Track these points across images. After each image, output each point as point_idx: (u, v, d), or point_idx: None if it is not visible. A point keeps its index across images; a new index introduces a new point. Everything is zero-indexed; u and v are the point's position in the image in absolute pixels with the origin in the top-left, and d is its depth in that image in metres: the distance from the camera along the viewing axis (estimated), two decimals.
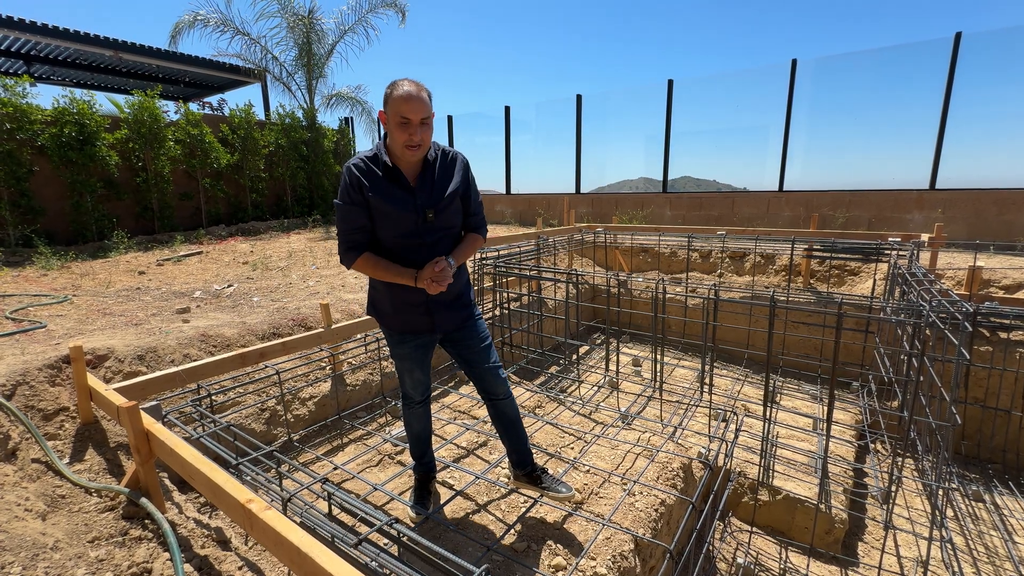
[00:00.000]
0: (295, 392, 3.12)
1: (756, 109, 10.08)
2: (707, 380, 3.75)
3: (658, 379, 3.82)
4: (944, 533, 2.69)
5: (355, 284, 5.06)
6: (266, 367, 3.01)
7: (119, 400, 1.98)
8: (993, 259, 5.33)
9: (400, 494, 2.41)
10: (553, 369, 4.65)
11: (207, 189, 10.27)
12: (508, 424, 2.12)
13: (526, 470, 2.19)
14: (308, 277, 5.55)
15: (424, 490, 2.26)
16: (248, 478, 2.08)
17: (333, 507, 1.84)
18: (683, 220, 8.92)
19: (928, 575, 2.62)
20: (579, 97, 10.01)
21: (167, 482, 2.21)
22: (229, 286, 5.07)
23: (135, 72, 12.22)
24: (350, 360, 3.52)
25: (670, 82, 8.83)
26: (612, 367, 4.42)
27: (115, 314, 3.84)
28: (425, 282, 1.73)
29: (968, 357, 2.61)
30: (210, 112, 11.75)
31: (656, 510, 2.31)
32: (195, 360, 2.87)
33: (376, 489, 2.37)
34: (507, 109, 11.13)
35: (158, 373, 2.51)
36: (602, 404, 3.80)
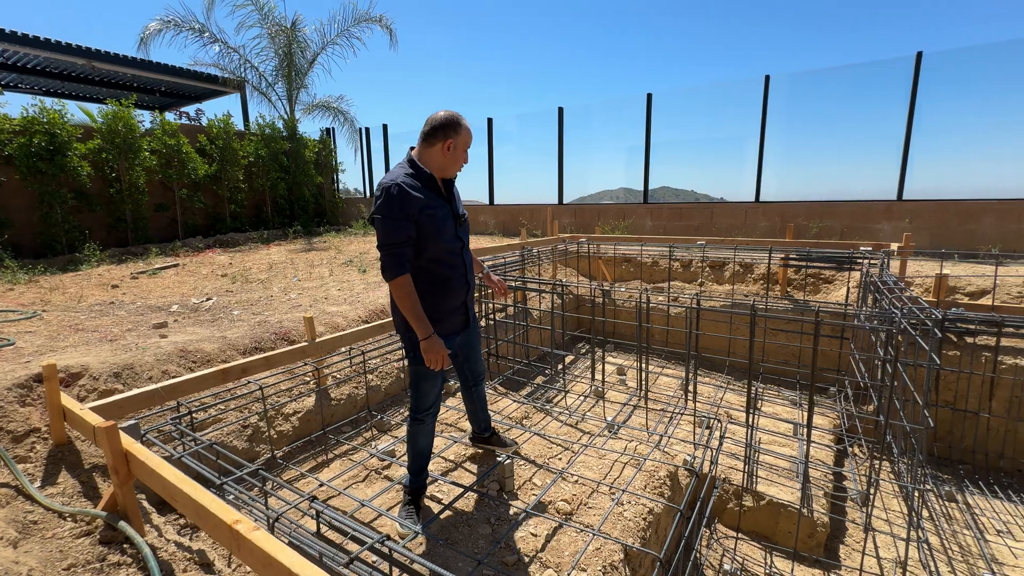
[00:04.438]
0: (278, 408, 3.07)
1: (732, 121, 10.35)
2: (691, 388, 3.80)
3: (643, 388, 3.87)
4: (920, 534, 2.77)
5: (338, 296, 5.00)
6: (249, 382, 2.95)
7: (96, 420, 1.92)
8: (958, 267, 5.56)
9: (388, 509, 2.38)
10: (539, 380, 4.66)
11: (184, 200, 10.07)
12: (482, 400, 2.66)
13: (486, 435, 2.76)
14: (290, 290, 5.47)
15: (416, 506, 2.25)
16: (232, 498, 2.03)
17: (321, 525, 1.81)
18: (664, 230, 9.08)
19: (908, 575, 2.68)
20: (560, 109, 10.16)
21: (145, 504, 2.14)
22: (208, 299, 4.96)
23: (109, 81, 11.97)
24: (335, 374, 3.48)
25: (649, 95, 9.04)
26: (598, 376, 4.45)
27: (88, 330, 3.72)
28: (498, 287, 2.50)
29: (938, 362, 2.71)
30: (187, 122, 11.61)
31: (644, 519, 2.33)
32: (174, 376, 2.80)
33: (364, 505, 2.33)
34: (490, 121, 11.23)
35: (136, 391, 2.44)
36: (588, 414, 3.83)
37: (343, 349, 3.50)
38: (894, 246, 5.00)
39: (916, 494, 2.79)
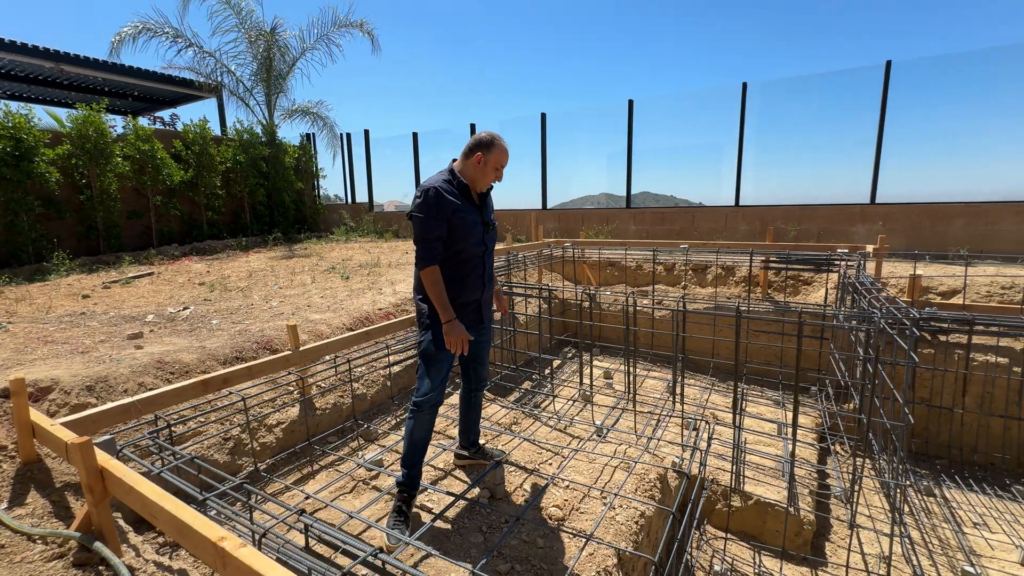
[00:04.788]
0: (261, 419, 2.98)
1: (711, 127, 10.57)
2: (678, 390, 3.84)
3: (631, 391, 3.88)
4: (902, 529, 2.83)
5: (321, 304, 4.91)
6: (230, 393, 2.86)
7: (68, 436, 1.83)
8: (930, 267, 5.75)
9: (377, 520, 2.33)
10: (527, 385, 4.65)
11: (159, 207, 9.79)
12: (478, 409, 2.70)
13: (473, 450, 2.75)
14: (271, 297, 5.36)
15: (405, 512, 2.22)
16: (215, 513, 1.96)
17: (310, 539, 1.76)
18: (647, 234, 9.18)
19: (892, 570, 2.74)
20: (543, 115, 10.22)
21: (121, 523, 2.05)
22: (185, 309, 4.82)
23: (78, 85, 11.61)
24: (319, 383, 3.40)
25: (630, 102, 9.16)
26: (585, 381, 4.46)
27: (58, 342, 3.57)
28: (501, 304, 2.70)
29: (916, 360, 2.79)
30: (162, 127, 11.31)
31: (636, 522, 2.33)
32: (151, 389, 2.70)
33: (352, 517, 2.28)
34: (472, 127, 11.23)
35: (110, 405, 2.34)
36: (577, 418, 3.82)
37: (328, 357, 3.44)
38: (869, 248, 5.14)
39: (898, 490, 2.85)
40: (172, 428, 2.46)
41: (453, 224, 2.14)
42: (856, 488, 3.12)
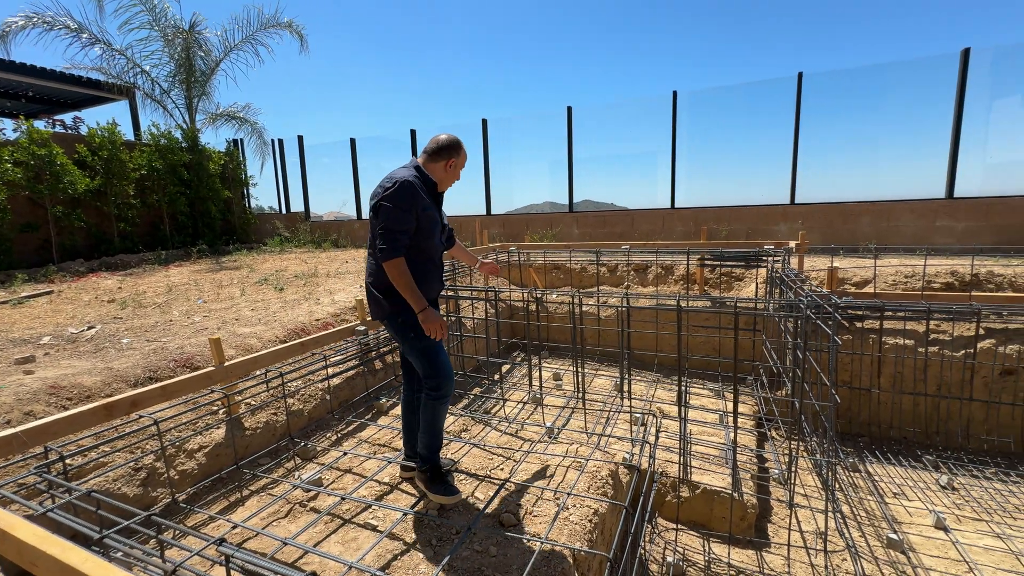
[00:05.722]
0: (180, 444, 2.68)
1: (646, 134, 11.01)
2: (625, 387, 3.89)
3: (580, 390, 3.88)
4: (834, 505, 3.00)
5: (252, 317, 4.56)
6: (140, 417, 2.55)
7: None
8: (844, 261, 6.25)
9: (316, 545, 2.14)
10: (476, 391, 4.54)
11: (60, 218, 8.80)
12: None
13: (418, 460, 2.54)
14: (193, 312, 4.91)
15: (443, 475, 2.38)
16: (120, 554, 1.71)
17: (233, 572, 1.56)
18: (590, 237, 9.38)
19: (828, 544, 2.88)
20: (484, 121, 10.23)
21: None
22: (89, 328, 4.31)
23: None
24: (248, 401, 3.13)
25: (569, 108, 9.37)
26: (535, 384, 4.42)
27: None
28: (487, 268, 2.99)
29: (839, 343, 2.98)
30: (63, 131, 10.21)
31: (591, 520, 2.29)
32: (41, 417, 2.35)
33: (286, 544, 2.07)
34: (413, 132, 11.05)
35: None
36: (527, 421, 3.77)
37: (258, 372, 3.17)
38: (792, 244, 5.51)
39: (828, 470, 3.02)
40: (67, 461, 2.14)
41: (421, 221, 2.15)
42: (792, 470, 3.27)
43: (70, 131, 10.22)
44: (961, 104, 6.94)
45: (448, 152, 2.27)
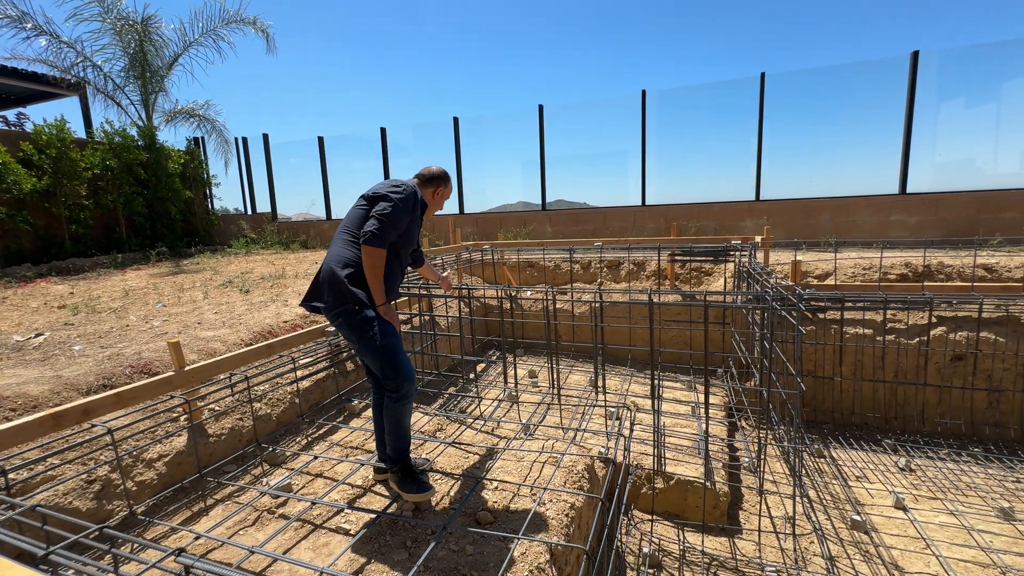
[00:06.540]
0: (137, 453, 2.55)
1: (617, 132, 11.13)
2: (600, 382, 3.92)
3: (555, 386, 3.89)
4: (801, 490, 3.09)
5: (215, 320, 4.39)
6: (93, 426, 2.41)
7: None
8: (807, 254, 6.48)
9: (285, 552, 2.07)
10: (451, 390, 4.50)
11: (3, 221, 8.28)
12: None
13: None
14: (152, 317, 4.69)
15: (415, 472, 2.34)
16: (70, 572, 1.60)
17: None
18: (563, 235, 9.44)
19: (796, 528, 2.97)
20: (456, 119, 10.16)
21: None
22: (37, 335, 4.06)
23: None
24: (212, 406, 3.00)
25: (540, 107, 9.40)
26: (510, 382, 4.41)
27: None
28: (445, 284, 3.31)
29: (803, 333, 3.07)
30: (5, 127, 9.61)
31: (567, 515, 2.29)
32: None
33: (253, 552, 1.99)
34: (383, 131, 10.87)
35: None
36: (503, 419, 3.75)
37: (222, 376, 3.04)
38: (758, 239, 5.67)
39: (795, 456, 3.11)
40: (9, 476, 2.00)
41: (408, 229, 2.32)
42: (762, 457, 3.36)
43: (13, 128, 9.65)
44: (912, 104, 7.29)
45: (437, 181, 2.52)
